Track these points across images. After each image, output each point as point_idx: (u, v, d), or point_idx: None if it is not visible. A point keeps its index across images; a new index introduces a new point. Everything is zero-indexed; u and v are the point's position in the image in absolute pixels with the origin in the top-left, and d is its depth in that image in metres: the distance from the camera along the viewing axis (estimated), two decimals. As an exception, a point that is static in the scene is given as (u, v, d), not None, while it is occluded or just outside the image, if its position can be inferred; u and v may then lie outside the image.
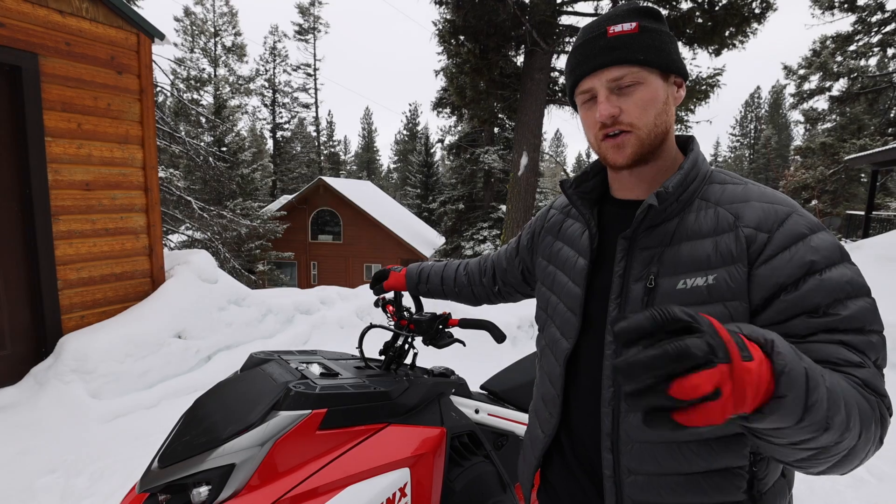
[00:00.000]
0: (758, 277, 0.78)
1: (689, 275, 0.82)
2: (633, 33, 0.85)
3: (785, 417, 0.58)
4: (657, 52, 0.85)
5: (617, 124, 0.87)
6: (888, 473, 2.76)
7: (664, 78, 0.87)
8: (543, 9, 8.86)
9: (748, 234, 0.80)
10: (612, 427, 0.89)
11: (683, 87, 0.91)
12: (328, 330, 5.03)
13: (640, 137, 0.87)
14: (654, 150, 0.89)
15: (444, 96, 18.46)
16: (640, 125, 0.86)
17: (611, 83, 0.86)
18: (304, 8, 37.81)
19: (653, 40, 0.85)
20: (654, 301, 0.85)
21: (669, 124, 0.89)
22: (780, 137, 48.72)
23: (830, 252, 0.76)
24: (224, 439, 1.18)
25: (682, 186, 0.86)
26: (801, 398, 0.58)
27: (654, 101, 0.86)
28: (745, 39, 8.76)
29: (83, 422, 3.03)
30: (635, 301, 0.87)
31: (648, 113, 0.86)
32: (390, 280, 1.66)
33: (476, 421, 1.72)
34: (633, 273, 0.88)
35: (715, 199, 0.86)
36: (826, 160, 19.34)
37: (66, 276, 3.56)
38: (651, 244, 0.88)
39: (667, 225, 0.87)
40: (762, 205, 0.82)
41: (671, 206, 0.87)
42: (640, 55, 0.84)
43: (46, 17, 3.37)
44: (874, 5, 16.83)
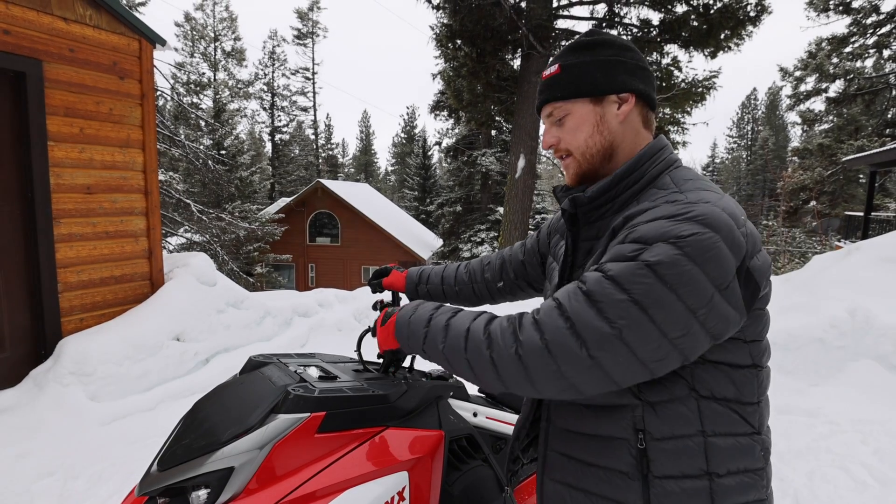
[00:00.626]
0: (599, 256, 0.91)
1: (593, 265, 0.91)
2: (555, 74, 1.00)
3: (405, 345, 1.07)
4: (578, 85, 0.98)
5: (558, 151, 1.03)
6: (891, 478, 2.72)
7: (595, 102, 0.98)
8: (540, 13, 8.91)
9: (616, 225, 0.90)
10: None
11: (631, 100, 0.98)
12: (326, 332, 5.04)
13: (577, 159, 1.01)
14: (599, 167, 1.01)
15: (442, 99, 18.51)
16: (573, 148, 1.01)
17: (547, 118, 1.04)
18: (302, 13, 37.89)
19: (573, 75, 0.98)
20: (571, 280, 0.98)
21: (610, 140, 0.98)
22: (778, 139, 48.81)
23: (646, 233, 0.80)
24: (223, 442, 1.19)
25: (606, 191, 0.96)
26: (402, 334, 1.05)
27: (581, 125, 0.99)
28: (740, 42, 8.80)
29: (82, 424, 3.04)
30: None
31: (578, 137, 0.99)
32: (390, 278, 1.66)
33: (474, 424, 1.73)
34: (577, 261, 1.03)
35: (642, 202, 0.91)
36: (824, 161, 19.37)
37: (66, 279, 3.58)
38: (590, 236, 1.02)
39: (603, 222, 0.99)
40: (653, 210, 0.85)
41: (606, 206, 0.98)
42: (558, 92, 0.99)
43: (51, 24, 3.39)
44: (869, 7, 16.91)
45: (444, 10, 9.56)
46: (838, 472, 2.79)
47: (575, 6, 9.79)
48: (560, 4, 9.72)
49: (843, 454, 2.92)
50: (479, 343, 0.85)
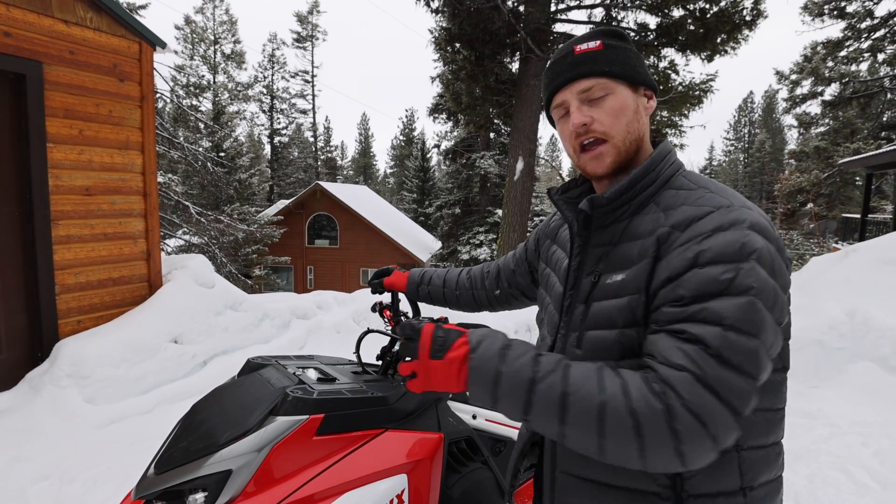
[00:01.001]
0: (657, 271, 0.82)
1: (616, 272, 0.88)
2: (598, 50, 0.92)
3: (480, 399, 0.81)
4: (622, 66, 0.92)
5: (590, 132, 0.92)
6: (892, 480, 2.70)
7: (633, 89, 0.93)
8: (538, 17, 8.92)
9: (661, 234, 0.84)
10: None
11: (654, 98, 0.97)
12: (325, 335, 5.02)
13: (616, 146, 0.92)
14: (630, 159, 0.94)
15: (441, 102, 18.54)
16: (613, 133, 0.91)
17: (581, 94, 0.92)
18: (302, 17, 37.95)
19: (617, 55, 0.92)
20: (594, 294, 0.91)
21: (642, 132, 0.95)
22: (774, 141, 48.94)
23: (724, 248, 0.75)
24: (221, 445, 1.18)
25: (624, 192, 0.90)
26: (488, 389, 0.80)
27: (623, 109, 0.91)
28: (736, 46, 8.83)
29: (78, 427, 3.02)
30: (583, 293, 0.93)
31: (620, 121, 0.91)
32: (392, 277, 1.66)
33: (474, 427, 1.73)
34: (586, 268, 0.95)
35: (664, 204, 0.89)
36: (820, 164, 19.44)
37: (63, 281, 3.56)
38: (602, 241, 0.94)
39: (618, 225, 0.92)
40: (691, 207, 0.84)
41: (622, 209, 0.91)
42: (606, 67, 0.91)
43: (52, 27, 3.40)
44: (863, 12, 16.99)
45: (442, 13, 9.57)
46: (839, 474, 2.78)
47: (573, 10, 9.82)
48: (558, 8, 9.74)
49: (844, 456, 2.91)
50: (624, 428, 0.70)
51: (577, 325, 0.93)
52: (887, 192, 20.95)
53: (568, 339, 0.94)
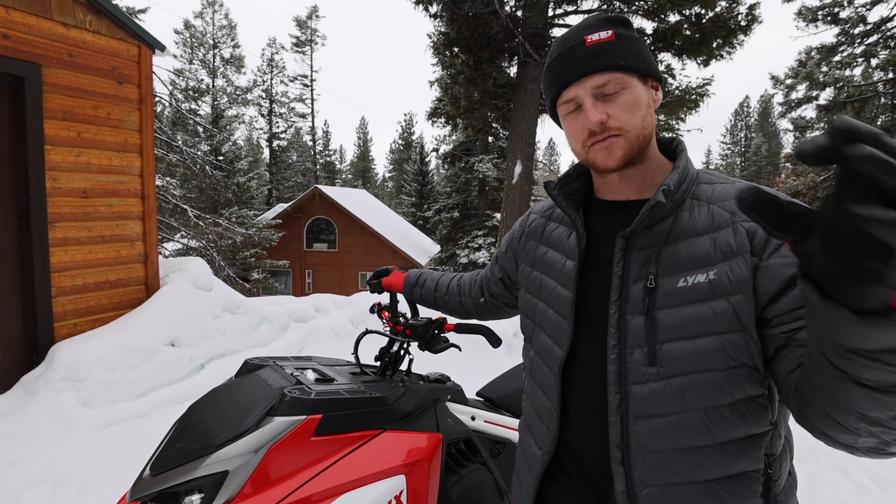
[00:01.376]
0: (769, 269, 0.76)
1: (689, 272, 0.81)
2: (610, 41, 0.86)
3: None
4: (635, 58, 0.87)
5: (606, 130, 0.87)
6: (891, 481, 2.73)
7: (643, 82, 0.89)
8: (535, 22, 8.96)
9: (749, 227, 0.79)
10: (622, 437, 0.84)
11: (660, 90, 0.93)
12: (323, 338, 5.01)
13: (630, 140, 0.87)
14: (641, 153, 0.90)
15: (439, 106, 18.55)
16: (629, 128, 0.87)
17: (595, 90, 0.87)
18: (301, 21, 38.02)
19: (629, 46, 0.87)
20: (655, 301, 0.83)
21: (653, 126, 0.91)
22: (771, 145, 49.14)
23: None
24: (217, 446, 1.17)
25: (682, 183, 0.86)
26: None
27: (638, 103, 0.87)
28: (732, 50, 8.88)
29: (73, 431, 3.00)
30: (636, 302, 0.84)
31: (635, 116, 0.87)
32: (390, 278, 1.65)
33: (472, 428, 1.72)
34: (632, 273, 0.86)
35: (706, 197, 0.86)
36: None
37: (60, 284, 3.55)
38: (648, 244, 0.86)
39: (662, 224, 0.86)
40: None
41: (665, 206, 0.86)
42: (621, 61, 0.86)
43: (51, 29, 3.39)
44: (856, 18, 17.11)
45: (441, 18, 9.60)
46: (838, 475, 2.80)
47: (570, 15, 9.87)
48: (556, 13, 9.79)
49: (843, 458, 2.92)
50: None
51: (640, 339, 0.83)
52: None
53: (629, 357, 0.84)
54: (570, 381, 0.95)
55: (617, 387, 0.85)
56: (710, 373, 0.78)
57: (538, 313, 1.03)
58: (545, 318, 1.00)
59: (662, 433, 0.81)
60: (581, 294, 0.94)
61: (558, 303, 0.97)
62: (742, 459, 0.79)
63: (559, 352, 0.95)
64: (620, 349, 0.85)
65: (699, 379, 0.79)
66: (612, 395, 0.85)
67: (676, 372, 0.80)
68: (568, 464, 0.96)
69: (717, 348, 0.77)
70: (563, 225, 1.04)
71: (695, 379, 0.79)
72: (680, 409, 0.80)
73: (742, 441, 0.79)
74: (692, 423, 0.79)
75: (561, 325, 0.95)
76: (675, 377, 0.80)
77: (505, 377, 2.07)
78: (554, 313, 0.98)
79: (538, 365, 1.02)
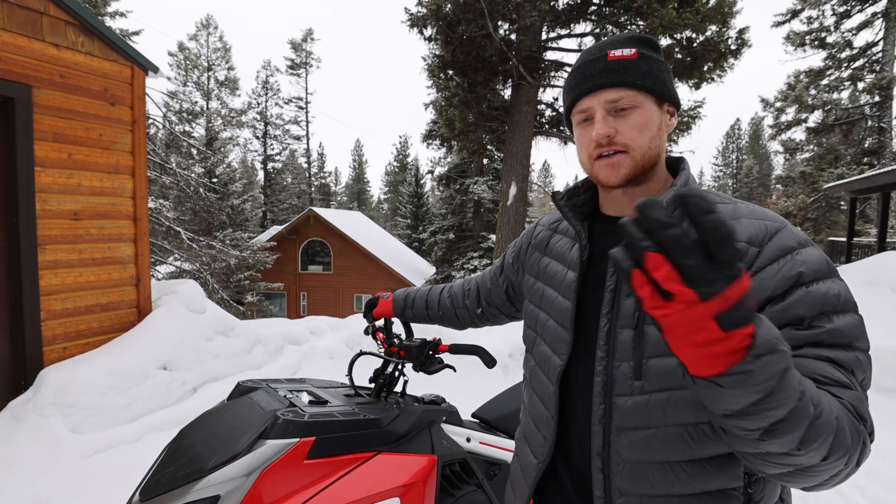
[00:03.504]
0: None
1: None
2: (632, 58, 0.88)
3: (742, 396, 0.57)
4: (654, 79, 0.89)
5: (612, 145, 0.89)
6: (884, 499, 2.76)
7: (659, 105, 0.90)
8: (529, 45, 9.14)
9: (739, 248, 0.80)
10: (604, 446, 0.87)
11: (676, 116, 0.94)
12: (317, 360, 4.96)
13: (635, 159, 0.89)
14: (646, 173, 0.91)
15: (434, 128, 18.75)
16: (635, 147, 0.88)
17: (608, 104, 0.88)
18: (296, 44, 38.60)
19: (650, 67, 0.89)
20: (645, 316, 0.84)
21: (662, 149, 0.92)
22: (762, 167, 49.88)
23: (818, 266, 0.77)
24: (209, 470, 1.15)
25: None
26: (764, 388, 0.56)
27: (648, 125, 0.88)
28: (723, 74, 9.08)
29: (61, 458, 2.93)
30: (626, 316, 0.86)
31: (643, 136, 0.88)
32: (379, 307, 1.66)
33: (468, 450, 1.70)
34: (625, 288, 0.87)
35: None
36: (806, 188, 19.80)
37: (49, 307, 3.50)
38: None
39: None
40: (752, 221, 0.83)
41: None
42: (638, 80, 0.87)
43: (42, 51, 3.41)
44: (843, 42, 17.61)
45: (436, 41, 9.78)
46: (832, 494, 2.82)
47: (563, 38, 10.08)
48: (549, 37, 10.00)
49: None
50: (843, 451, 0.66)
51: (628, 353, 0.85)
52: (871, 216, 21.30)
53: (616, 369, 0.86)
54: (567, 392, 0.96)
55: (602, 397, 0.87)
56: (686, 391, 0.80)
57: (539, 323, 1.05)
58: (546, 329, 1.02)
59: (642, 445, 0.83)
60: (580, 306, 0.95)
61: (558, 313, 0.99)
62: (720, 476, 0.80)
63: (558, 362, 0.96)
64: (608, 361, 0.87)
65: (681, 395, 0.80)
66: (596, 405, 0.88)
67: (660, 387, 0.81)
68: (563, 474, 0.98)
69: None
70: (567, 237, 1.06)
71: (677, 395, 0.80)
72: (661, 423, 0.81)
73: (721, 458, 0.80)
74: (672, 437, 0.81)
75: (560, 336, 0.97)
76: (659, 392, 0.81)
77: (500, 398, 2.05)
78: (554, 324, 0.99)
79: (538, 375, 1.03)
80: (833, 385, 0.70)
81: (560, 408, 0.97)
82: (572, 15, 9.48)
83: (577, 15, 9.49)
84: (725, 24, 8.43)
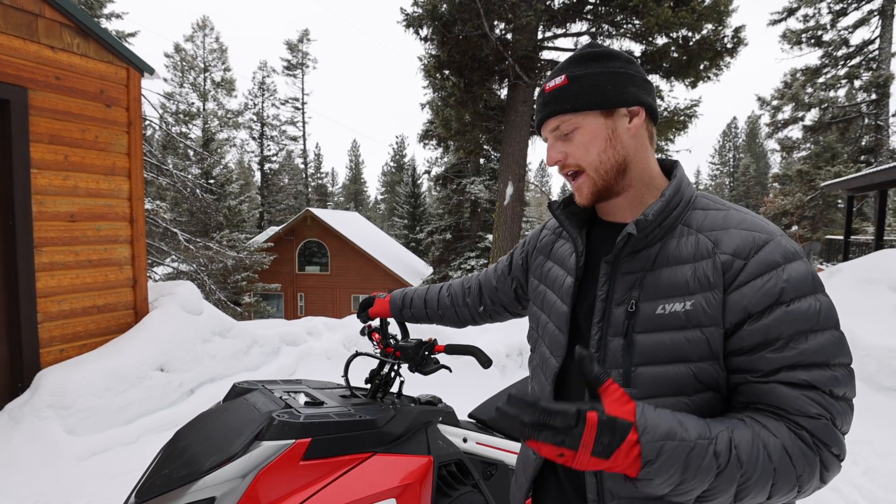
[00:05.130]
0: (729, 303, 0.80)
1: (668, 300, 0.84)
2: (562, 86, 0.93)
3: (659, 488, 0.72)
4: (588, 95, 0.91)
5: (566, 167, 0.95)
6: (882, 497, 2.77)
7: (605, 115, 0.91)
8: (525, 45, 9.14)
9: (724, 261, 0.81)
10: None
11: (641, 113, 0.93)
12: (315, 361, 4.95)
13: (591, 177, 0.93)
14: (613, 184, 0.93)
15: (431, 128, 18.78)
16: (585, 164, 0.93)
17: (554, 133, 0.95)
18: (292, 44, 38.56)
19: (581, 87, 0.91)
20: (634, 325, 0.86)
21: (621, 156, 0.92)
22: (758, 165, 50.02)
23: (801, 283, 0.78)
24: (205, 471, 1.15)
25: (662, 213, 0.88)
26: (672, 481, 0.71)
27: (593, 140, 0.91)
28: (719, 72, 9.10)
29: (58, 460, 2.92)
30: (617, 325, 0.88)
31: (590, 152, 0.92)
32: (375, 307, 1.66)
33: (464, 450, 1.70)
34: (616, 297, 0.90)
35: (696, 225, 0.88)
36: (803, 187, 19.85)
37: (46, 309, 3.49)
38: (633, 269, 0.89)
39: (649, 250, 0.89)
40: (741, 232, 0.84)
41: (653, 233, 0.88)
42: (567, 105, 0.92)
43: (37, 53, 3.40)
44: (839, 40, 17.66)
45: (432, 41, 9.78)
46: (830, 492, 2.84)
47: (559, 38, 10.09)
48: (545, 36, 10.01)
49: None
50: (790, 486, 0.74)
51: (617, 360, 0.87)
52: (868, 214, 21.37)
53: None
54: (563, 391, 0.99)
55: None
56: (679, 397, 0.82)
57: (541, 325, 1.09)
58: (546, 330, 1.05)
59: None
60: (576, 310, 0.99)
61: (556, 316, 1.02)
62: None
63: (554, 363, 1.00)
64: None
65: (668, 402, 0.82)
66: None
67: (648, 394, 0.84)
68: (560, 470, 1.00)
69: (687, 375, 0.82)
70: (568, 242, 1.09)
71: (665, 402, 0.82)
72: None
73: None
74: None
75: (557, 338, 1.00)
76: (647, 399, 0.83)
77: (497, 398, 2.05)
78: (553, 326, 1.03)
79: (538, 374, 1.07)
80: (798, 415, 0.75)
81: None
82: (568, 14, 9.49)
83: (573, 14, 9.50)
84: (721, 22, 8.46)
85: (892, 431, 3.50)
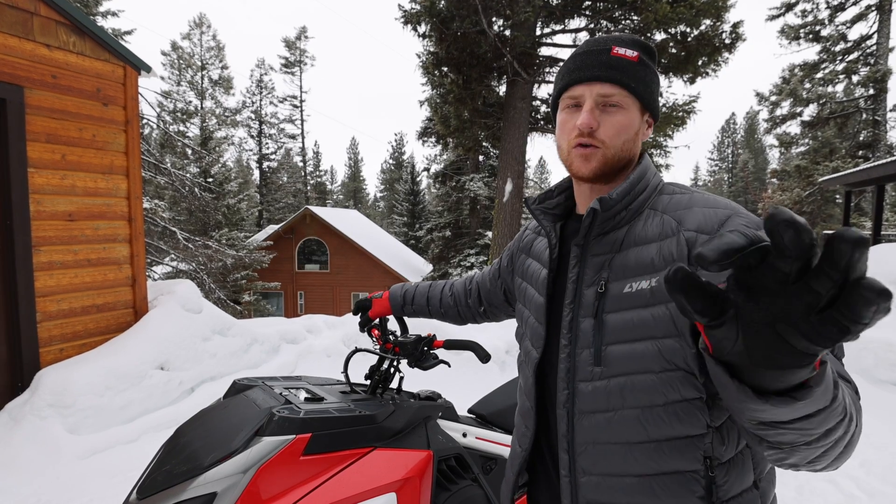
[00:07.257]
0: None
1: (635, 279, 0.86)
2: (633, 61, 0.91)
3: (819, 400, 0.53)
4: (645, 88, 0.92)
5: (590, 136, 0.91)
6: (879, 489, 2.78)
7: (641, 112, 0.94)
8: (524, 41, 9.12)
9: (689, 237, 0.83)
10: (568, 429, 0.92)
11: (651, 127, 0.98)
12: (314, 359, 4.97)
13: (607, 156, 0.92)
14: (615, 171, 0.95)
15: (429, 126, 18.75)
16: (610, 145, 0.92)
17: (600, 97, 0.91)
18: (290, 42, 38.44)
19: (646, 74, 0.93)
20: (604, 305, 0.88)
21: (635, 153, 0.96)
22: (757, 161, 50.03)
23: None
24: (206, 467, 1.15)
25: (627, 194, 0.91)
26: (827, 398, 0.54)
27: (628, 127, 0.92)
28: (717, 68, 9.08)
29: (59, 459, 2.93)
30: (587, 305, 0.91)
31: (620, 137, 0.92)
32: (375, 308, 1.67)
33: (464, 445, 1.71)
34: (586, 279, 0.92)
35: (662, 207, 0.91)
36: (801, 182, 19.85)
37: (45, 308, 3.50)
38: (602, 251, 0.92)
39: (617, 233, 0.92)
40: (703, 210, 0.85)
41: (620, 215, 0.91)
42: (633, 83, 0.91)
43: (33, 51, 3.40)
44: (837, 35, 17.63)
45: (430, 38, 9.75)
46: (827, 485, 2.86)
47: (558, 34, 10.07)
48: (543, 32, 9.98)
49: (833, 468, 2.96)
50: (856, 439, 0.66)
51: (588, 340, 0.89)
52: (866, 209, 21.39)
53: (578, 356, 0.91)
54: (545, 383, 1.01)
55: (566, 383, 0.92)
56: (647, 374, 0.83)
57: (524, 320, 1.11)
58: (528, 325, 1.08)
59: (603, 428, 0.87)
60: (552, 301, 1.01)
61: (535, 308, 1.05)
62: (677, 458, 0.82)
63: (535, 354, 1.01)
64: (571, 349, 0.92)
65: (637, 380, 0.84)
66: (560, 390, 0.93)
67: (617, 372, 0.86)
68: (547, 459, 1.02)
69: (653, 352, 0.82)
70: (545, 238, 1.10)
71: (633, 379, 0.84)
72: (619, 406, 0.86)
73: (678, 441, 0.82)
74: (629, 420, 0.85)
75: (537, 330, 1.02)
76: (617, 377, 0.86)
77: (496, 393, 2.06)
78: (533, 319, 1.05)
79: (523, 369, 1.08)
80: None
81: (540, 398, 1.02)
82: (566, 10, 9.47)
83: (572, 10, 9.48)
84: (719, 18, 8.44)
85: (889, 424, 3.52)
